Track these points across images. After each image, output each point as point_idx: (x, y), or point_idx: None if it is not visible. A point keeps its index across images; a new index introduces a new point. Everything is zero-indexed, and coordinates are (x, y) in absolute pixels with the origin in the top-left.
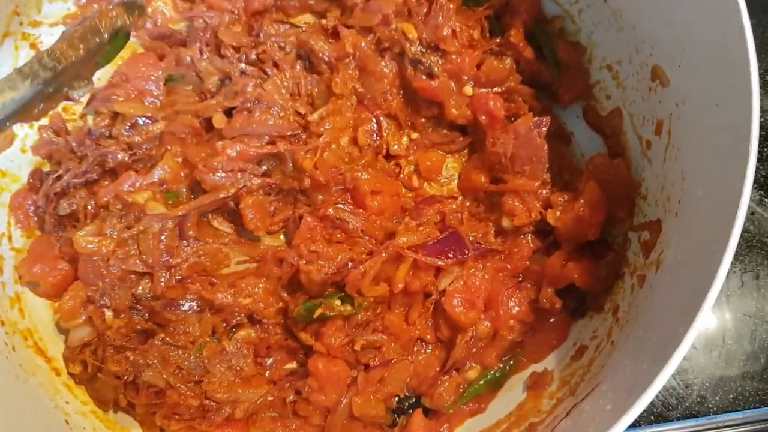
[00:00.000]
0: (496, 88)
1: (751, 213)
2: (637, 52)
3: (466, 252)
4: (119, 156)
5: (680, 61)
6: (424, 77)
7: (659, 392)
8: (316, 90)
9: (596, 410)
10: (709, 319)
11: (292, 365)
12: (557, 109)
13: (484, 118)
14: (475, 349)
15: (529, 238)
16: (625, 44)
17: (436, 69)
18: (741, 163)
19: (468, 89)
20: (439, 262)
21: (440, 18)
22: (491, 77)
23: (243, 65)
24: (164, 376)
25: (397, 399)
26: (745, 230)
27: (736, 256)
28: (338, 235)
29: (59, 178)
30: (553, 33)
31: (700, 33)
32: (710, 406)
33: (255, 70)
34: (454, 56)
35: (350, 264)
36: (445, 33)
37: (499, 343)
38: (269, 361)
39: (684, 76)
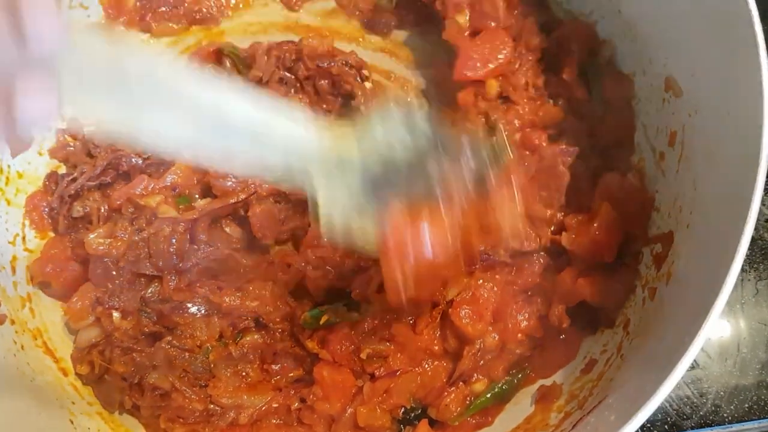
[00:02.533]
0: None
1: (765, 220)
2: (650, 63)
3: (474, 262)
4: (133, 160)
5: (693, 70)
6: None
7: (674, 401)
8: None
9: (601, 422)
10: (724, 328)
11: (299, 372)
12: None
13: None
14: (482, 362)
15: (541, 254)
16: (639, 55)
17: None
18: (751, 172)
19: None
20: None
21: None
22: (546, 121)
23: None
24: (170, 378)
25: (402, 410)
26: (759, 238)
27: (751, 264)
28: None
29: (74, 180)
30: (603, 65)
31: (712, 42)
32: (725, 415)
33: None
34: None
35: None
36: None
37: (506, 356)
38: (275, 367)
39: (696, 85)
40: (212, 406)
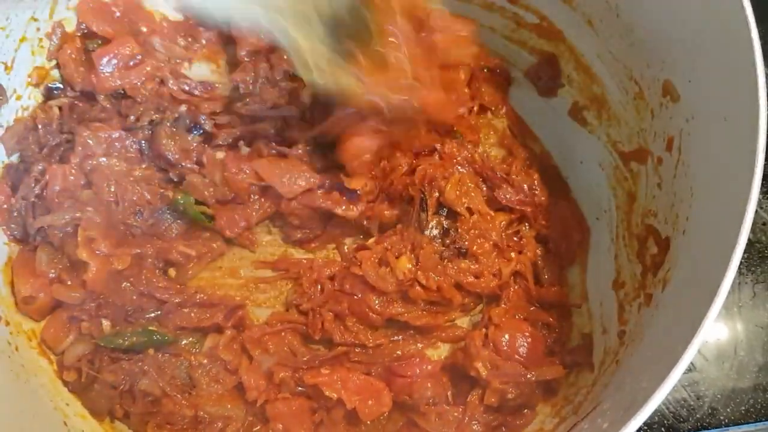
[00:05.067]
0: None
1: (763, 224)
2: (648, 67)
3: None
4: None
5: (690, 75)
6: None
7: (671, 404)
8: None
9: (594, 428)
10: (721, 331)
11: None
12: None
13: None
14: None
15: None
16: (637, 59)
17: None
18: (747, 177)
19: None
20: None
21: None
22: None
23: None
24: (160, 384)
25: None
26: (756, 241)
27: (749, 267)
28: None
29: (38, 181)
30: None
31: (709, 47)
32: (722, 418)
33: None
34: None
35: None
36: None
37: None
38: None
39: (694, 90)
40: (201, 413)
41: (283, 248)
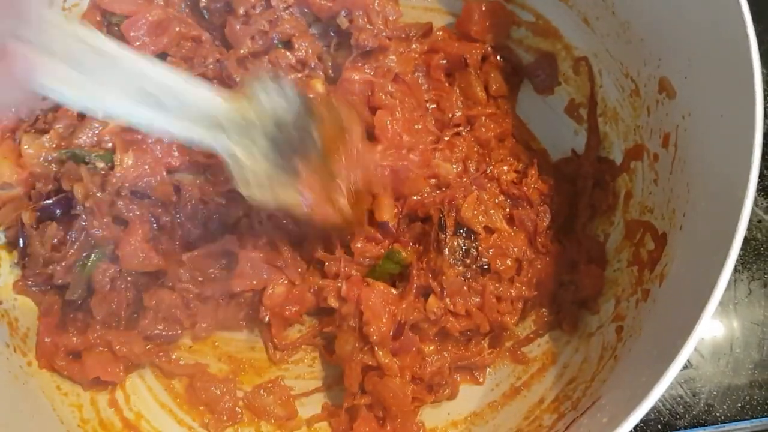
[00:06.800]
0: None
1: (758, 221)
2: (645, 64)
3: None
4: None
5: (686, 72)
6: None
7: (667, 401)
8: None
9: (593, 423)
10: (717, 328)
11: None
12: None
13: None
14: None
15: None
16: (633, 57)
17: None
18: (743, 173)
19: None
20: None
21: None
22: None
23: None
24: None
25: None
26: (752, 238)
27: (744, 264)
28: None
29: None
30: None
31: (705, 44)
32: (718, 414)
33: None
34: None
35: None
36: None
37: None
38: None
39: (690, 87)
40: None
41: None
